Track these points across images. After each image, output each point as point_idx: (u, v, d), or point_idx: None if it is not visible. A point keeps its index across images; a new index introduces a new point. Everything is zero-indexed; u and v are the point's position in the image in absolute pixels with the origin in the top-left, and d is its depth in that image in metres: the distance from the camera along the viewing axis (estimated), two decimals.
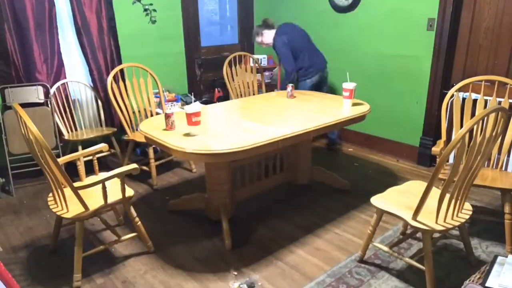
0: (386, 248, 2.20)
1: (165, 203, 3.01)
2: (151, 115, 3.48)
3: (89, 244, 2.48)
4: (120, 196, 2.22)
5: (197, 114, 2.30)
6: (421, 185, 2.21)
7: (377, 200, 2.11)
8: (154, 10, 4.01)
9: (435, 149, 2.42)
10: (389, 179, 3.38)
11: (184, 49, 4.37)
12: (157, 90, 3.78)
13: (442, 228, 1.87)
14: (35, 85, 3.30)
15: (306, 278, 2.18)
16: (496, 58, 3.12)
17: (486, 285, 1.65)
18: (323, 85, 3.89)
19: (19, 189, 3.33)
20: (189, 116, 2.29)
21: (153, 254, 2.43)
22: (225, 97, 4.37)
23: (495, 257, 1.82)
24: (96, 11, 3.56)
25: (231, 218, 2.67)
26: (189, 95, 4.29)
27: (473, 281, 1.71)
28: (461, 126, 2.33)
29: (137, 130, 3.39)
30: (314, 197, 3.10)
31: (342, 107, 2.86)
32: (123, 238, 2.38)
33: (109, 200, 2.17)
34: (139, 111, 3.48)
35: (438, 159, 2.29)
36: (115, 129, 3.68)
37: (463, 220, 1.93)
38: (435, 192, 1.96)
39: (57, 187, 2.04)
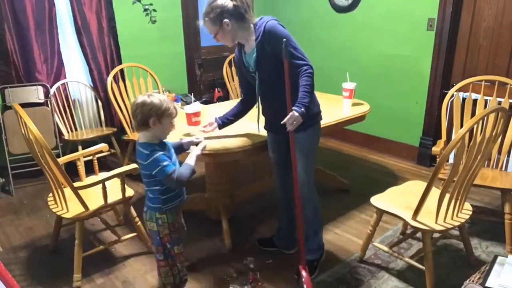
0: (386, 248, 2.20)
1: None
2: None
3: (89, 244, 2.48)
4: (120, 196, 2.22)
5: (197, 114, 2.30)
6: (421, 185, 2.20)
7: (377, 200, 2.11)
8: (154, 10, 4.01)
9: (435, 149, 2.42)
10: (389, 179, 3.37)
11: (184, 49, 4.37)
12: (157, 90, 3.78)
13: (442, 228, 1.87)
14: (35, 85, 3.30)
15: None
16: (496, 58, 3.12)
17: (486, 285, 1.64)
18: None
19: (19, 189, 3.33)
20: (189, 116, 2.30)
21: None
22: (225, 97, 4.37)
23: (495, 257, 1.82)
24: (96, 11, 3.56)
25: (231, 218, 2.67)
26: (189, 95, 4.28)
27: (473, 281, 1.71)
28: (461, 126, 2.33)
29: None
30: None
31: (342, 107, 2.86)
32: (123, 238, 2.38)
33: (109, 200, 2.17)
34: None
35: (438, 159, 2.29)
36: (115, 129, 3.68)
37: (463, 220, 1.93)
38: (435, 192, 1.96)
39: (57, 187, 2.04)
